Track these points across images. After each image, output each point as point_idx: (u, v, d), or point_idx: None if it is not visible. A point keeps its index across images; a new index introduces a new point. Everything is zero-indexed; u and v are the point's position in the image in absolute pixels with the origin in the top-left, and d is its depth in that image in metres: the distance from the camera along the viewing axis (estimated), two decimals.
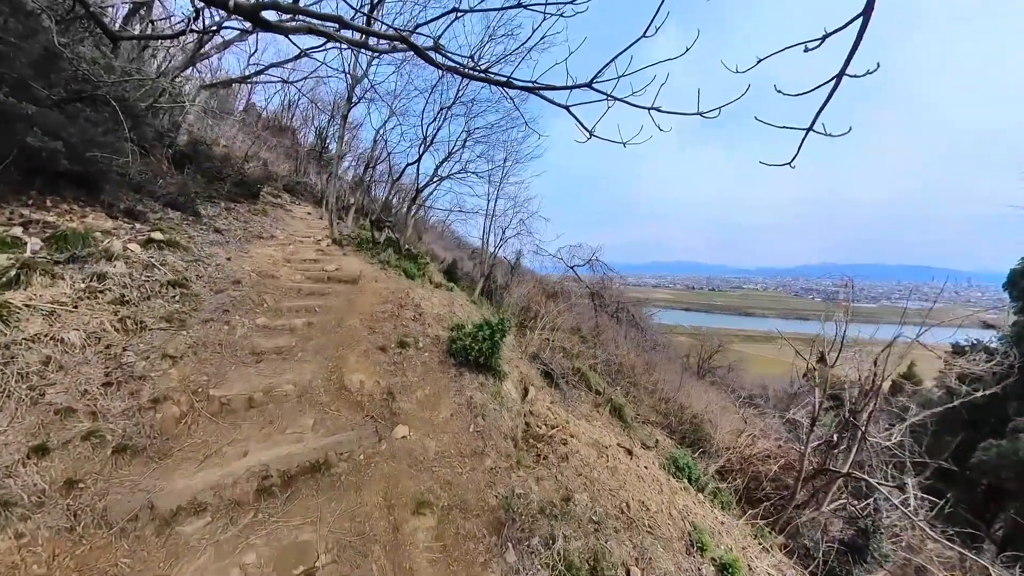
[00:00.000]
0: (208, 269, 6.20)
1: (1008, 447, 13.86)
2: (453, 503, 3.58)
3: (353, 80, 10.03)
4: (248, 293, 5.86)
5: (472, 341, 5.29)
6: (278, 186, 19.03)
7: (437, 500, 3.53)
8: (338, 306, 6.07)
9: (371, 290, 6.69)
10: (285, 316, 5.69)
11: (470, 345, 5.27)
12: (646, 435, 11.89)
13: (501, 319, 5.72)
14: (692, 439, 14.30)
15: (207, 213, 10.32)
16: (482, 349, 5.29)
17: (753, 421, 14.89)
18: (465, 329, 5.58)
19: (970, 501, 16.60)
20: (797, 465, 11.49)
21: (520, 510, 3.73)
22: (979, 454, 14.42)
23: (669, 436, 13.56)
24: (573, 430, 6.98)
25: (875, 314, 62.28)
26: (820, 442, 11.47)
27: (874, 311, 74.00)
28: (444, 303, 6.91)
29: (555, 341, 10.31)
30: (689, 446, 13.52)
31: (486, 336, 5.35)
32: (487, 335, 5.36)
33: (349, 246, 10.64)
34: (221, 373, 4.15)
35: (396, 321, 5.85)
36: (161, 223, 7.78)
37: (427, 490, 3.58)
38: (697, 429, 14.94)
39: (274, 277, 6.96)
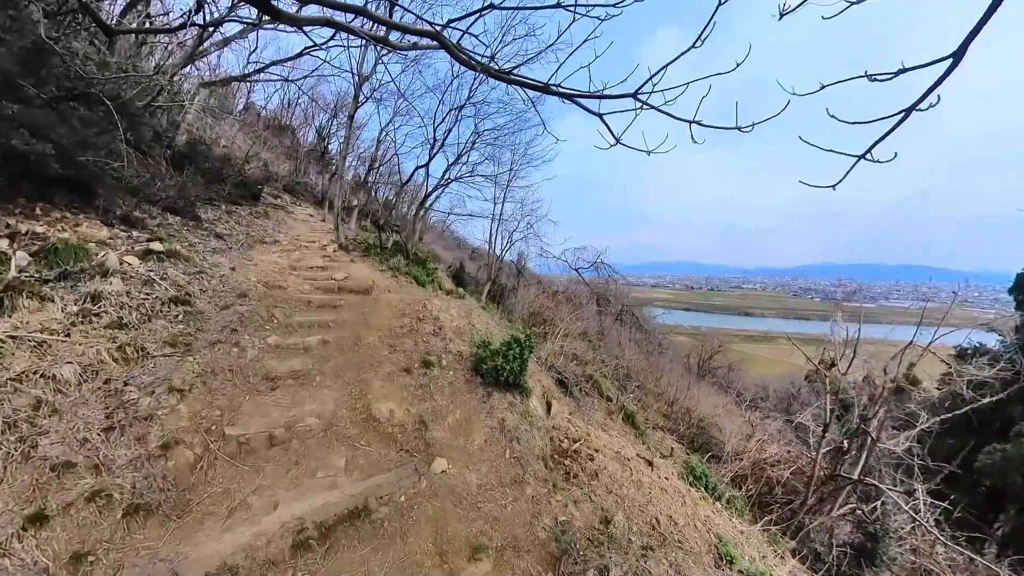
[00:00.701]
0: (212, 282, 5.70)
1: (1013, 451, 13.75)
2: (505, 542, 3.20)
3: (360, 79, 9.50)
4: (256, 308, 5.38)
5: (504, 361, 4.87)
6: (278, 187, 18.39)
7: (490, 542, 3.14)
8: (353, 320, 5.61)
9: (386, 302, 6.24)
10: (297, 333, 5.23)
11: (501, 366, 4.85)
12: (657, 441, 11.56)
13: (528, 335, 5.31)
14: (700, 443, 14.02)
15: (207, 217, 9.78)
16: (512, 369, 4.89)
17: (761, 425, 14.65)
18: (492, 346, 5.16)
19: (972, 503, 16.50)
20: (808, 471, 11.25)
21: (570, 542, 3.44)
22: (983, 458, 14.30)
23: (678, 441, 13.27)
24: (595, 443, 6.72)
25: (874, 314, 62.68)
26: (830, 448, 11.24)
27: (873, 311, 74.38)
28: (462, 314, 6.48)
29: (567, 348, 9.92)
30: (697, 450, 13.23)
31: (516, 355, 4.94)
32: (517, 354, 4.95)
33: (356, 251, 10.16)
34: (235, 405, 3.69)
35: (416, 337, 5.41)
36: (160, 230, 7.25)
37: (479, 531, 3.18)
38: (704, 432, 14.67)
39: (282, 288, 6.48)
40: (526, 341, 5.13)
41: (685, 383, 17.14)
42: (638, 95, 2.30)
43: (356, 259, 9.26)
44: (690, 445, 13.52)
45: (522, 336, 5.11)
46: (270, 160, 20.38)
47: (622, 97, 2.36)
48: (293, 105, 25.81)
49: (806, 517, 10.94)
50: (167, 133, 11.04)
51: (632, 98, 2.32)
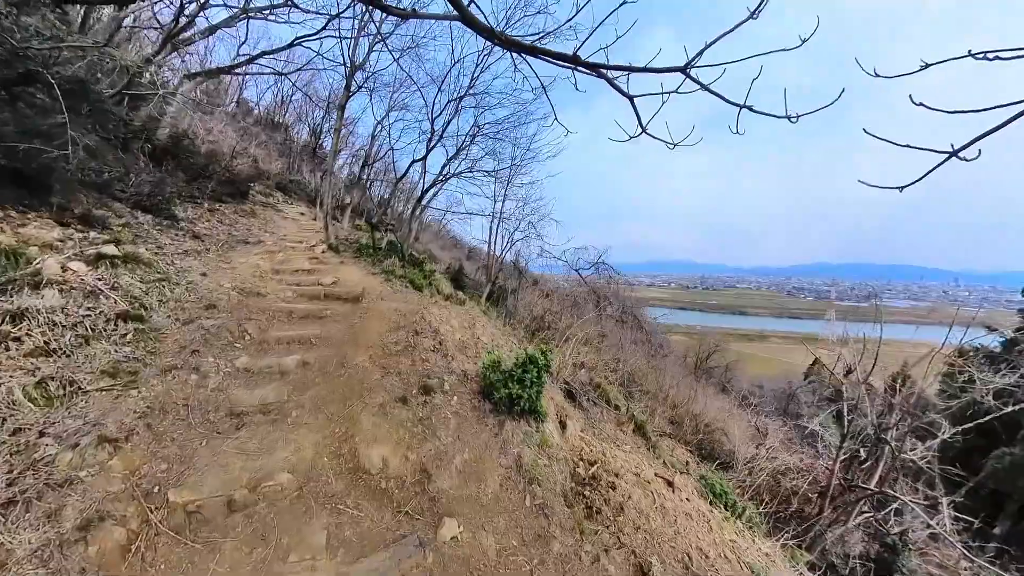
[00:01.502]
0: (176, 290, 4.84)
1: (1021, 455, 13.32)
2: None
3: (352, 67, 8.62)
4: (226, 321, 4.53)
5: (520, 388, 4.08)
6: (270, 184, 17.50)
7: None
8: (340, 335, 4.78)
9: (378, 312, 5.41)
10: (273, 352, 4.39)
11: (518, 394, 4.06)
12: (668, 451, 10.83)
13: (544, 351, 4.52)
14: (707, 450, 13.33)
15: (186, 216, 8.87)
16: (530, 397, 4.11)
17: (769, 430, 14.04)
18: (503, 367, 4.37)
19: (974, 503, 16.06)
20: (824, 481, 10.63)
21: None
22: (992, 462, 13.91)
23: (685, 447, 12.58)
24: (613, 464, 6.06)
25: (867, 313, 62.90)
26: (846, 456, 10.62)
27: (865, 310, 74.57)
28: (464, 325, 5.68)
29: (575, 355, 9.17)
30: (705, 458, 12.56)
31: (534, 379, 4.16)
32: (535, 378, 4.17)
33: (347, 252, 9.29)
34: (187, 455, 2.87)
35: (413, 355, 4.59)
36: (125, 231, 6.35)
37: None
38: (710, 437, 14.00)
39: (260, 295, 5.62)
40: (543, 361, 4.35)
41: (688, 385, 16.50)
42: (689, 69, 1.88)
43: (347, 261, 8.40)
44: (698, 452, 12.85)
45: (538, 355, 4.33)
46: (262, 157, 19.37)
47: (669, 71, 1.93)
48: (287, 102, 24.79)
49: (822, 528, 10.34)
50: (147, 126, 10.07)
51: (682, 73, 1.90)
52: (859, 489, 10.07)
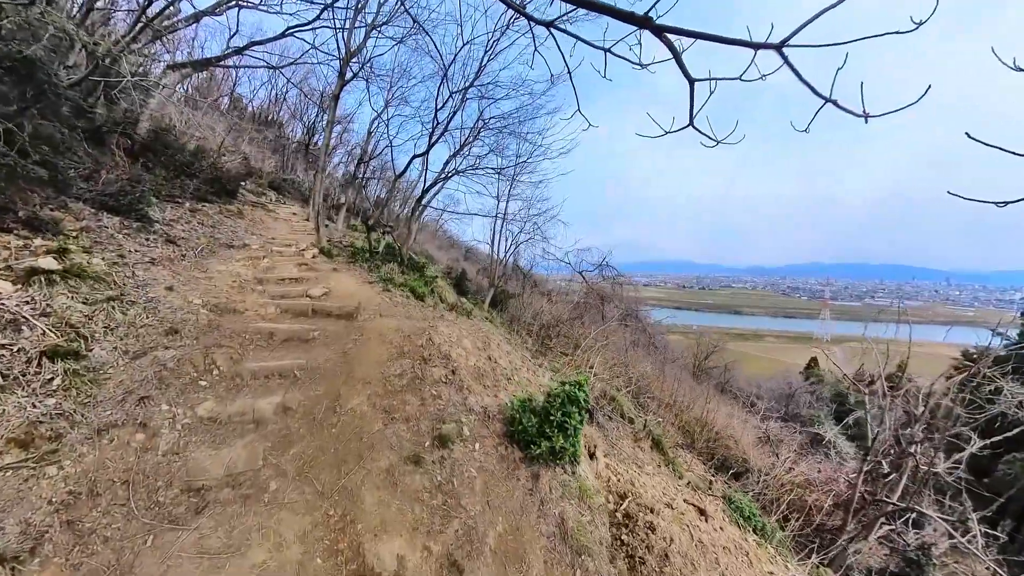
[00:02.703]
0: (131, 311, 3.87)
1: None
2: None
3: (347, 54, 7.62)
4: (189, 351, 3.58)
5: (562, 438, 3.23)
6: (263, 183, 16.44)
7: None
8: (331, 365, 3.85)
9: (376, 332, 4.48)
10: (248, 391, 3.45)
11: (561, 447, 3.20)
12: (685, 466, 10.01)
13: (579, 383, 3.66)
14: (719, 459, 12.48)
15: (163, 217, 7.83)
16: (574, 445, 3.25)
17: (781, 436, 13.34)
18: (533, 404, 3.50)
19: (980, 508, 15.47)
20: (846, 494, 9.92)
21: None
22: (1003, 467, 13.40)
23: (697, 456, 11.77)
24: (644, 496, 5.33)
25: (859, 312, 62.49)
26: (868, 467, 9.92)
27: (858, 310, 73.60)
28: (477, 345, 4.77)
29: (589, 366, 8.31)
30: (719, 468, 11.75)
31: (576, 425, 3.30)
32: (578, 423, 3.31)
33: (340, 257, 8.32)
34: (124, 565, 1.95)
35: (422, 390, 3.68)
36: (81, 236, 5.34)
37: None
38: (721, 445, 13.21)
39: (236, 312, 4.67)
40: (583, 396, 3.49)
41: (693, 389, 15.77)
42: (784, 47, 1.46)
43: (340, 267, 7.44)
44: (709, 460, 12.04)
45: (578, 393, 3.46)
46: (254, 155, 18.26)
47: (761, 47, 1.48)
48: (281, 99, 23.61)
49: (845, 543, 9.63)
50: (124, 118, 8.97)
51: (776, 52, 1.47)
52: (883, 503, 9.38)
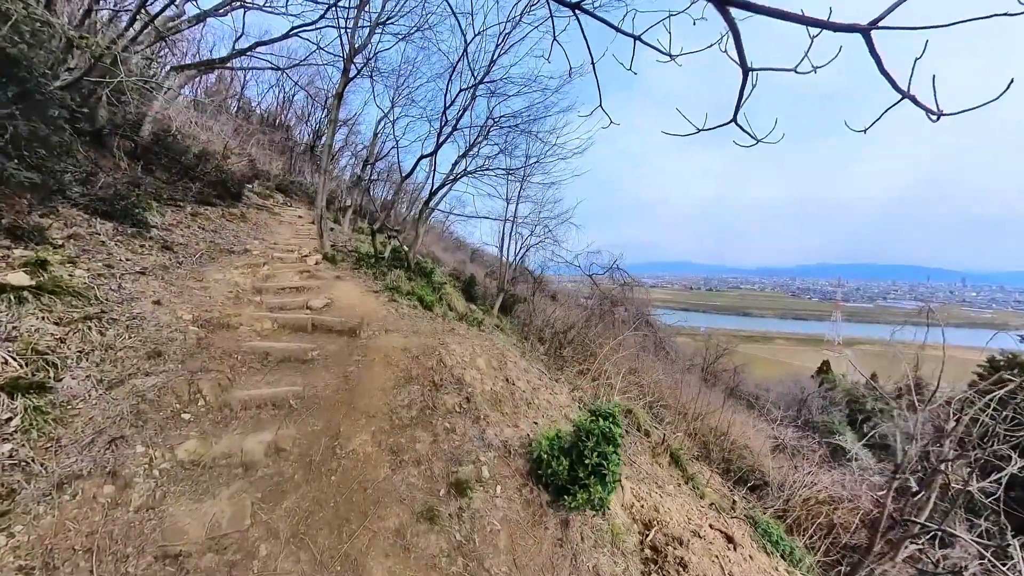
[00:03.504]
0: (110, 331, 3.44)
1: None
2: None
3: (351, 50, 7.17)
4: (172, 377, 3.14)
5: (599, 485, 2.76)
6: (270, 185, 16.17)
7: None
8: (330, 393, 3.39)
9: (380, 352, 4.02)
10: (236, 425, 3.01)
11: (599, 499, 2.74)
12: (704, 480, 9.47)
13: (612, 414, 3.19)
14: (735, 470, 11.88)
15: (162, 222, 7.44)
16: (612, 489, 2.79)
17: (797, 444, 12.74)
18: (563, 442, 3.03)
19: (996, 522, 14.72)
20: (874, 513, 9.32)
21: None
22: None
23: (713, 467, 11.19)
24: (670, 524, 4.84)
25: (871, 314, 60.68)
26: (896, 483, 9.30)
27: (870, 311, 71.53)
28: (493, 364, 4.30)
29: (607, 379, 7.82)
30: (736, 481, 11.14)
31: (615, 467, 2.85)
32: (615, 466, 2.84)
33: (344, 263, 7.89)
34: None
35: (433, 423, 3.22)
36: (68, 245, 4.94)
37: None
38: (736, 455, 12.60)
39: (229, 328, 4.23)
40: (619, 434, 3.02)
41: (705, 396, 15.19)
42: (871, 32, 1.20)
43: (344, 275, 7.00)
44: (726, 473, 11.47)
45: (613, 429, 3.00)
46: (261, 157, 17.97)
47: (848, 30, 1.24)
48: (289, 102, 23.40)
49: (871, 565, 9.04)
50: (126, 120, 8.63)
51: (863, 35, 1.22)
52: (912, 523, 8.79)
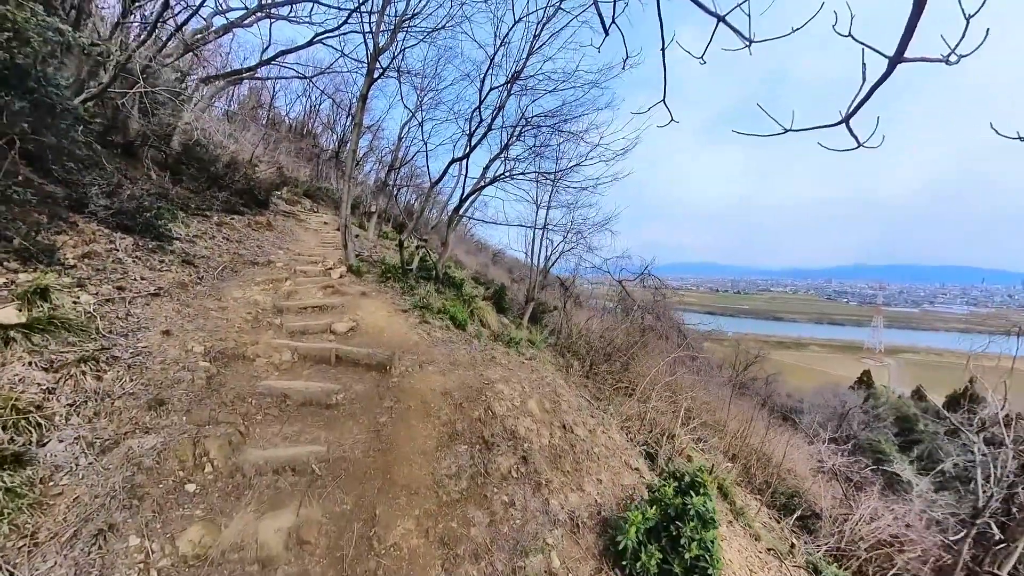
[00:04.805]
0: (109, 374, 2.91)
1: None
2: None
3: (375, 49, 6.62)
4: (176, 435, 2.58)
5: None
6: (298, 191, 16.06)
7: None
8: (360, 457, 2.76)
9: (418, 397, 3.38)
10: (248, 502, 2.41)
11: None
12: (752, 514, 8.50)
13: (701, 482, 2.48)
14: (780, 498, 10.69)
15: (186, 233, 7.06)
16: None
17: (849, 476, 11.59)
18: (649, 522, 2.33)
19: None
20: (945, 561, 8.14)
21: None
22: None
23: (758, 496, 10.16)
24: None
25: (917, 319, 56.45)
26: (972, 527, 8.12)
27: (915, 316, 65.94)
28: (545, 406, 3.62)
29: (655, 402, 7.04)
30: (780, 508, 10.08)
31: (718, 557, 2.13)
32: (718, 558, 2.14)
33: (370, 275, 7.35)
34: None
35: (488, 496, 2.57)
36: (81, 265, 4.50)
37: None
38: (782, 482, 11.46)
39: (244, 360, 3.68)
40: (713, 509, 2.31)
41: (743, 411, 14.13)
42: None
43: (370, 289, 6.44)
44: (771, 502, 10.38)
45: (708, 506, 2.30)
46: (289, 165, 17.88)
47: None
48: (315, 110, 23.50)
49: None
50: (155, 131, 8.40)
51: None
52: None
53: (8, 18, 4.30)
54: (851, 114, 1.31)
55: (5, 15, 4.33)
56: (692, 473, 3.73)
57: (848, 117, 1.32)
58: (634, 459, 5.06)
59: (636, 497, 4.19)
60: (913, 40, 1.20)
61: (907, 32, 1.16)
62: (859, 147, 1.36)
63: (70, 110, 4.80)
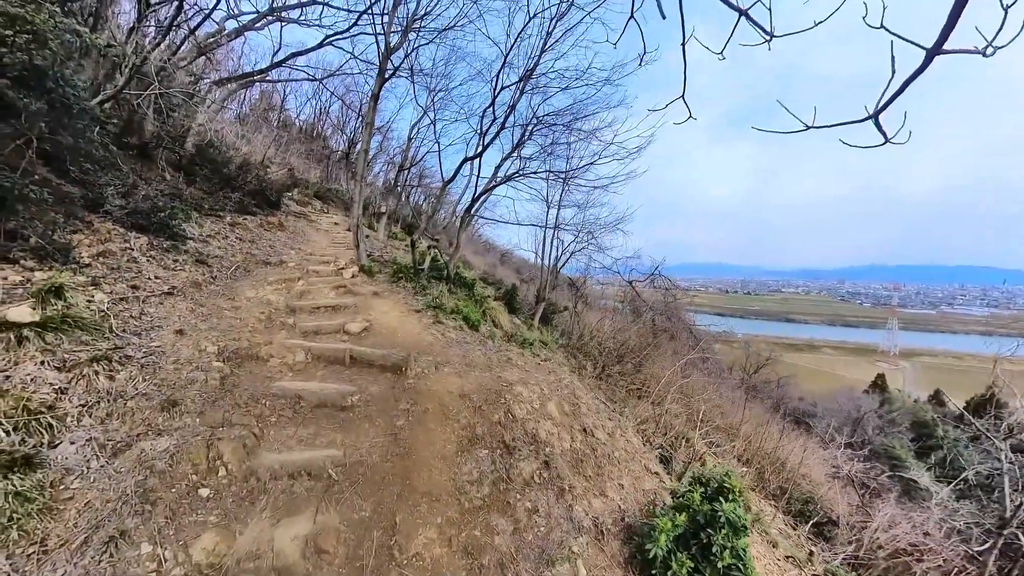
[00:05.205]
0: (122, 374, 2.84)
1: None
2: None
3: (387, 48, 6.55)
4: (188, 437, 2.50)
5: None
6: (308, 192, 16.14)
7: None
8: (378, 461, 2.66)
9: (435, 400, 3.27)
10: (263, 507, 2.31)
11: None
12: (769, 519, 8.28)
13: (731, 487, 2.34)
14: (794, 503, 10.36)
15: (199, 233, 7.05)
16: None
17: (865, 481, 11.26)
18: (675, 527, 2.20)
19: None
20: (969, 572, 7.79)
21: None
22: None
23: (772, 502, 9.89)
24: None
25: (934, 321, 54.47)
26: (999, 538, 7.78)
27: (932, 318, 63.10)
28: (564, 408, 3.49)
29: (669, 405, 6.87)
30: (796, 515, 9.79)
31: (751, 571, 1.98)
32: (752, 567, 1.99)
33: (382, 275, 7.28)
34: None
35: (511, 502, 2.45)
36: (96, 264, 4.47)
37: None
38: (794, 486, 11.13)
39: (258, 360, 3.61)
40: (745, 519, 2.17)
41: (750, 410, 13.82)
42: None
43: (382, 289, 6.35)
44: (786, 507, 10.10)
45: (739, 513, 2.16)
46: (300, 166, 17.99)
47: None
48: (325, 112, 23.67)
49: None
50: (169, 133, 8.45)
51: None
52: None
53: (27, 20, 4.28)
54: (881, 109, 1.24)
55: (24, 17, 4.31)
56: (719, 478, 3.57)
57: (877, 112, 1.25)
58: (653, 463, 4.90)
59: (658, 502, 4.04)
60: None
61: (949, 22, 1.09)
62: (886, 143, 1.30)
63: (87, 111, 4.79)
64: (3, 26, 3.76)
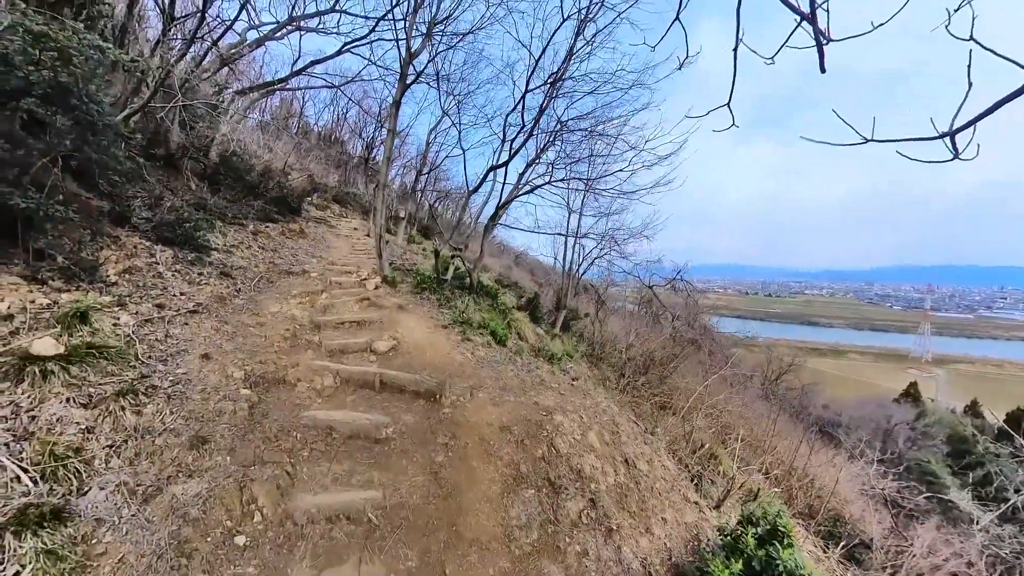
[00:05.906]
0: (148, 408, 2.70)
1: None
2: None
3: (408, 54, 6.39)
4: (220, 478, 2.34)
5: None
6: (327, 197, 16.23)
7: None
8: (420, 503, 2.45)
9: (475, 434, 3.06)
10: (302, 555, 2.14)
11: None
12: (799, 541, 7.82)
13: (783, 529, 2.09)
14: (824, 522, 9.69)
15: (223, 243, 7.01)
16: None
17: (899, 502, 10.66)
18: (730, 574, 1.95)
19: None
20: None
21: None
22: None
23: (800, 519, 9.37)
24: None
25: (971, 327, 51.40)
26: None
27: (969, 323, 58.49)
28: (605, 438, 3.27)
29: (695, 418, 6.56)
30: (825, 536, 9.19)
31: None
32: None
33: (405, 285, 7.13)
34: None
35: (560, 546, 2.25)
36: (122, 281, 4.40)
37: None
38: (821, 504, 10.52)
39: (285, 385, 3.45)
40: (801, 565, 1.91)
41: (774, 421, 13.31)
42: None
43: (407, 302, 6.19)
44: (814, 525, 9.56)
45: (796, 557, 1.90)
46: (319, 172, 18.10)
47: None
48: (343, 118, 23.87)
49: None
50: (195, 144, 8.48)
51: None
52: None
53: (51, 37, 4.21)
54: (959, 129, 1.15)
55: (48, 34, 4.24)
56: (771, 519, 3.29)
57: (954, 132, 1.15)
58: (690, 491, 4.63)
59: (702, 538, 3.77)
60: None
61: None
62: (954, 159, 1.21)
63: (111, 126, 4.72)
64: (29, 44, 3.67)
